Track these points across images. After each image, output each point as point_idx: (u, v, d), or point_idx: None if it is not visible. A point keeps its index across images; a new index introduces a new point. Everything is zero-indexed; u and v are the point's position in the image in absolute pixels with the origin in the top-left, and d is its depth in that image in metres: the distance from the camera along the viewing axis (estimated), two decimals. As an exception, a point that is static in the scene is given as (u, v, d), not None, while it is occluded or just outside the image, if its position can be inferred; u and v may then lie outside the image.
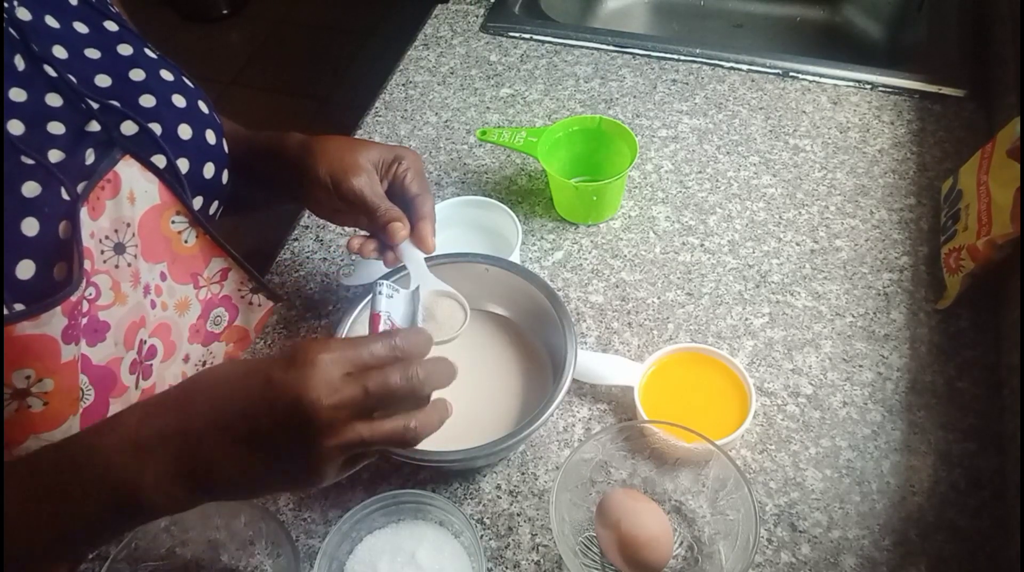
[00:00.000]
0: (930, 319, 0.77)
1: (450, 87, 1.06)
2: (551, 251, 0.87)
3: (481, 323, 0.77)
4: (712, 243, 0.86)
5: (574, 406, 0.74)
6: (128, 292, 0.61)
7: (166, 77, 0.67)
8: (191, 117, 0.67)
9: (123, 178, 0.60)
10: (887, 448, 0.69)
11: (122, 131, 0.62)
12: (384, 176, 0.70)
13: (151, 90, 0.65)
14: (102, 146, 0.60)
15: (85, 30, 0.64)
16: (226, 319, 0.73)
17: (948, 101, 0.97)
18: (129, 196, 0.61)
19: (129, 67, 0.65)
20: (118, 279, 0.61)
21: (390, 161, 0.70)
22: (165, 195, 0.64)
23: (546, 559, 0.65)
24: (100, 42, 0.65)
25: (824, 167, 0.92)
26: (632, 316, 0.80)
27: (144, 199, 0.62)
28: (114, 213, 0.60)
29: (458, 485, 0.70)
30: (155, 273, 0.64)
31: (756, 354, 0.76)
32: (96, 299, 0.59)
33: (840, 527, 0.65)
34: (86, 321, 0.58)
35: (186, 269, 0.68)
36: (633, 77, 1.05)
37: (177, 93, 0.67)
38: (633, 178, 0.92)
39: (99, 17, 0.66)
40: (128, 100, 0.63)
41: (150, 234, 0.63)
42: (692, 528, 0.65)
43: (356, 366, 0.48)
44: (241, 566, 0.64)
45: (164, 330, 0.67)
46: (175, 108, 0.66)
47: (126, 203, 0.61)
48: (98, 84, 0.63)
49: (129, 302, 0.61)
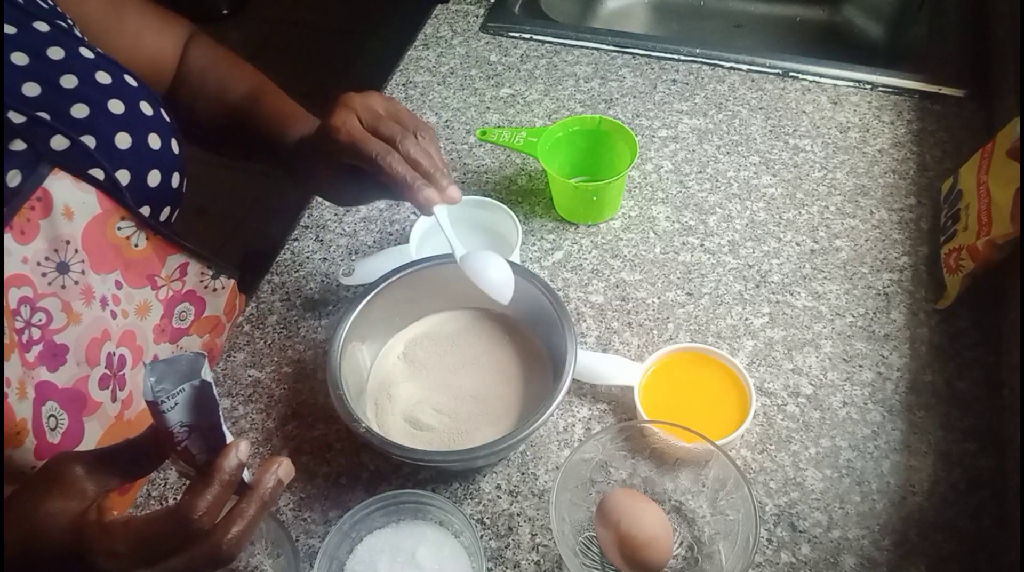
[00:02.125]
0: (930, 319, 0.77)
1: (450, 87, 1.06)
2: (551, 251, 0.87)
3: (481, 323, 0.77)
4: (712, 243, 0.86)
5: (574, 406, 0.74)
6: (81, 310, 0.59)
7: (102, 80, 0.63)
8: (130, 124, 0.63)
9: (55, 194, 0.57)
10: (887, 448, 0.69)
11: (51, 146, 0.58)
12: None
13: (84, 98, 0.61)
14: (29, 165, 0.55)
15: (12, 31, 0.60)
16: (192, 313, 0.72)
17: (948, 101, 0.97)
18: (65, 211, 0.57)
19: (60, 73, 0.61)
20: (67, 299, 0.58)
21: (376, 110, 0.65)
22: (106, 203, 0.60)
23: (546, 559, 0.65)
24: (27, 46, 0.60)
25: (824, 167, 0.92)
26: (632, 316, 0.80)
27: (83, 211, 0.59)
28: (50, 232, 0.57)
29: (458, 485, 0.70)
30: (109, 283, 0.62)
31: (756, 354, 0.76)
32: (48, 324, 0.57)
33: (840, 527, 0.65)
34: (41, 348, 0.56)
35: (141, 272, 0.65)
36: (633, 77, 1.05)
37: (114, 98, 0.63)
38: (633, 178, 0.92)
39: (27, 17, 0.61)
40: (58, 111, 0.59)
41: (96, 245, 0.60)
42: (692, 528, 0.65)
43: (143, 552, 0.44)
44: (241, 566, 0.64)
45: (129, 338, 0.65)
46: (111, 116, 0.62)
47: (62, 220, 0.57)
48: (25, 94, 0.59)
49: (84, 320, 0.59)
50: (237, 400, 0.76)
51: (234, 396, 0.76)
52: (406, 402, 0.71)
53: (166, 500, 0.70)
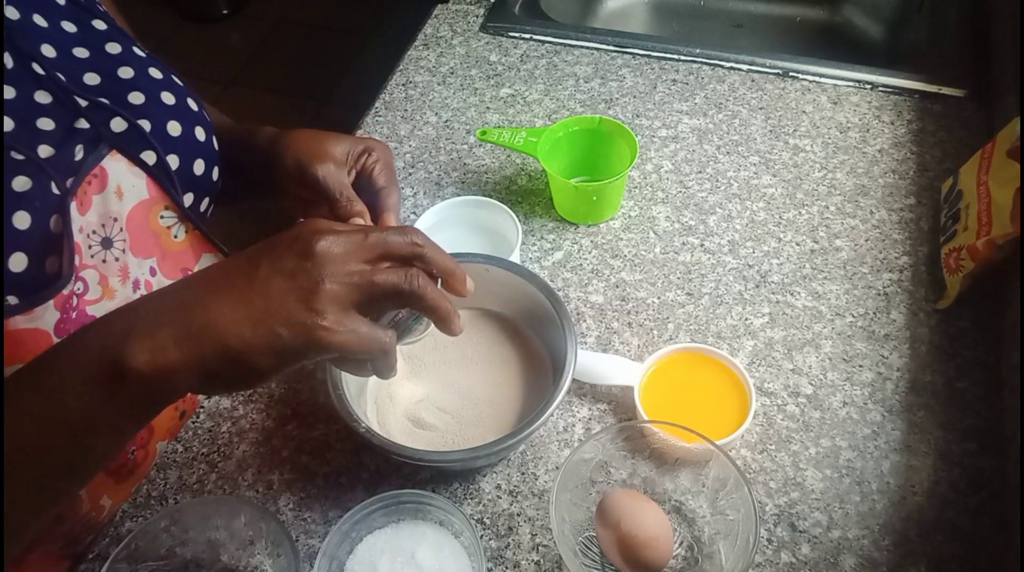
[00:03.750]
0: (930, 319, 0.77)
1: (450, 87, 1.06)
2: (551, 251, 0.87)
3: (481, 323, 0.77)
4: (712, 243, 0.86)
5: (574, 406, 0.74)
6: (116, 287, 0.61)
7: (155, 75, 0.67)
8: (180, 114, 0.67)
9: (110, 173, 0.61)
10: (887, 448, 0.69)
11: (111, 128, 0.62)
12: (353, 166, 0.71)
13: (140, 87, 0.65)
14: (90, 142, 0.60)
15: (73, 29, 0.65)
16: None
17: (948, 101, 0.97)
18: (116, 191, 0.61)
19: (118, 65, 0.65)
20: (106, 274, 0.61)
21: (359, 152, 0.71)
22: (153, 190, 0.64)
23: (546, 559, 0.65)
24: (88, 41, 0.65)
25: (824, 167, 0.92)
26: (632, 316, 0.80)
27: (132, 194, 0.62)
28: (101, 208, 0.60)
29: (458, 485, 0.70)
30: (144, 268, 0.65)
31: (756, 354, 0.76)
32: (84, 294, 0.59)
33: (840, 527, 0.65)
34: (75, 315, 0.58)
35: (176, 264, 0.68)
36: (633, 77, 1.05)
37: (166, 90, 0.67)
38: (633, 178, 0.92)
39: (87, 16, 0.66)
40: (117, 97, 0.64)
41: (138, 228, 0.63)
42: (692, 528, 0.65)
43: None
44: (241, 566, 0.64)
45: None
46: (164, 105, 0.66)
47: (113, 198, 0.61)
48: (87, 82, 0.63)
49: (117, 297, 0.61)
50: (237, 400, 0.76)
51: (234, 396, 0.76)
52: (407, 401, 0.71)
53: (166, 501, 0.70)
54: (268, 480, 0.71)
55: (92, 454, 0.48)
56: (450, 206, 0.84)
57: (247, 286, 0.45)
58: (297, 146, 0.69)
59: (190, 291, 0.46)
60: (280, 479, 0.71)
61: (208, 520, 0.63)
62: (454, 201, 0.84)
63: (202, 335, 0.44)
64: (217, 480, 0.71)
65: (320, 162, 0.68)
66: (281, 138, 0.71)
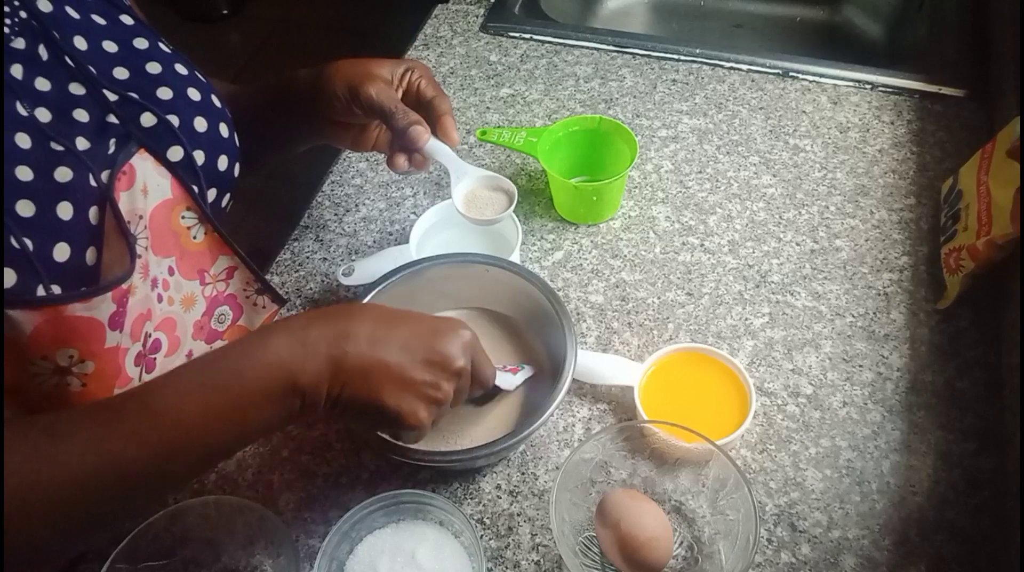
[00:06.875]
0: (930, 319, 0.77)
1: (450, 87, 1.05)
2: (551, 251, 0.87)
3: (481, 323, 0.77)
4: (712, 243, 0.86)
5: (574, 406, 0.74)
6: (138, 284, 0.62)
7: (181, 71, 0.68)
8: (206, 110, 0.68)
9: (138, 171, 0.61)
10: (887, 448, 0.69)
11: (141, 123, 0.63)
12: (399, 85, 0.74)
13: (168, 83, 0.66)
14: (121, 138, 0.61)
15: (103, 23, 0.65)
16: (230, 317, 0.73)
17: (948, 101, 0.97)
18: (143, 189, 0.62)
19: (146, 60, 0.66)
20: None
21: (402, 71, 0.74)
22: (177, 190, 0.64)
23: (546, 559, 0.65)
24: (117, 35, 0.66)
25: (824, 167, 0.92)
26: (632, 316, 0.80)
27: (156, 193, 0.63)
28: (128, 205, 0.61)
29: (458, 485, 0.70)
30: (163, 267, 0.65)
31: (756, 354, 0.76)
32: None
33: (840, 527, 0.65)
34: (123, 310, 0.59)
35: (194, 265, 0.68)
36: (633, 77, 1.05)
37: (192, 87, 0.68)
38: (633, 178, 0.92)
39: (115, 11, 0.67)
40: (146, 92, 0.64)
41: (160, 228, 0.64)
42: (692, 528, 0.65)
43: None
44: (241, 566, 0.64)
45: (169, 325, 0.67)
46: (191, 101, 0.67)
47: (139, 195, 0.62)
48: (116, 77, 0.64)
49: (138, 294, 0.62)
50: (237, 400, 0.76)
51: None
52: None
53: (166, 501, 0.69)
54: (268, 480, 0.71)
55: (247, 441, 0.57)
56: (450, 206, 0.83)
57: (398, 349, 0.57)
58: (344, 73, 0.72)
59: (354, 323, 0.56)
60: (280, 479, 0.71)
61: (208, 520, 0.63)
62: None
63: (342, 390, 0.55)
64: (217, 480, 0.71)
65: (370, 82, 0.71)
66: (324, 70, 0.73)
